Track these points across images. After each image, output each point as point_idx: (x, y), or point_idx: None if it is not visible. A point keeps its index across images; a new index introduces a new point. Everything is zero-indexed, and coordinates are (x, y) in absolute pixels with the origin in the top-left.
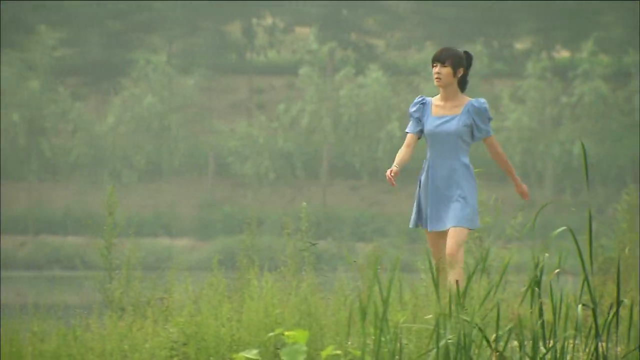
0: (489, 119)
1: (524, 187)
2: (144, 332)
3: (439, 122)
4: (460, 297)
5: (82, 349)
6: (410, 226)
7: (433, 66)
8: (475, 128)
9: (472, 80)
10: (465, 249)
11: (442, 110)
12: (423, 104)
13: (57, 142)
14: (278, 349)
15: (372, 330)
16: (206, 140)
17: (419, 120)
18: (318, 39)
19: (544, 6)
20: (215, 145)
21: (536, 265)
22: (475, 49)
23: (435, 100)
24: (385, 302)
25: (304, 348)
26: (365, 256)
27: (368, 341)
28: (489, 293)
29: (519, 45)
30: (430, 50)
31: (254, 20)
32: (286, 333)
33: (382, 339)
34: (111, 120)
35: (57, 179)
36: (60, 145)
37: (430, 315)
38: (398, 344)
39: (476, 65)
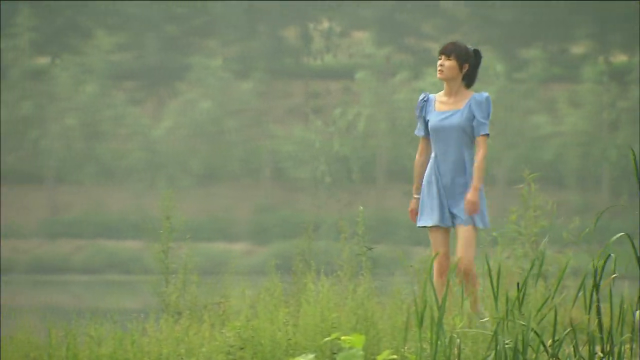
0: (488, 115)
1: (469, 197)
2: (201, 336)
3: (442, 116)
4: (517, 301)
5: (138, 353)
6: (418, 225)
7: (438, 58)
8: (474, 121)
9: (529, 84)
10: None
11: (445, 105)
12: (426, 101)
13: (113, 146)
14: (334, 353)
15: (428, 334)
16: (262, 144)
17: (425, 120)
18: (374, 43)
19: (600, 10)
20: (272, 149)
21: (594, 270)
22: (533, 54)
23: (439, 97)
24: (442, 307)
25: (361, 352)
26: (422, 260)
27: (424, 346)
28: (547, 299)
29: (576, 50)
30: (488, 55)
31: (311, 25)
32: (342, 337)
33: (439, 343)
34: (167, 124)
35: (113, 183)
36: (116, 149)
37: (487, 319)
38: (455, 349)
39: (533, 69)
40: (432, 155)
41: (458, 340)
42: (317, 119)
